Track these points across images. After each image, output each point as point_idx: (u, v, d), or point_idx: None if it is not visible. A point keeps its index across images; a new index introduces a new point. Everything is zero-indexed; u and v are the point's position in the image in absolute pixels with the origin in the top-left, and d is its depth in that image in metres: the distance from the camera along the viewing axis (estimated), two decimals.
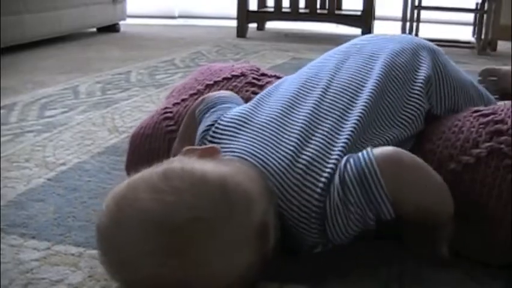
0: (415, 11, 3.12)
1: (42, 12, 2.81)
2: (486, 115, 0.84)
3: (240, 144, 0.79)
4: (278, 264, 0.71)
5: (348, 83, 0.85)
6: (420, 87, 0.88)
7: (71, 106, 1.67)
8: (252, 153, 0.77)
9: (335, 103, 0.82)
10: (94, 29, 3.49)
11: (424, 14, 3.21)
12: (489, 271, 0.77)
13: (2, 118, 1.51)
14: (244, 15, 3.41)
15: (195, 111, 0.90)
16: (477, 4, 3.09)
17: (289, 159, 0.74)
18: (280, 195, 0.72)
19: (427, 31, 3.33)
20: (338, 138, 0.77)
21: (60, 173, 1.12)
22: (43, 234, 0.86)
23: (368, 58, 0.91)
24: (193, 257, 0.61)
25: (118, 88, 1.93)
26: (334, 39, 1.14)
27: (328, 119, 0.80)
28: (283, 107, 0.83)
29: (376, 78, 0.86)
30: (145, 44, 3.09)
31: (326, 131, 0.78)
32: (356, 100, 0.82)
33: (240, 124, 0.82)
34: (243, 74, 1.07)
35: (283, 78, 0.97)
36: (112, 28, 3.56)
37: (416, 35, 3.03)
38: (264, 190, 0.71)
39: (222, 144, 0.80)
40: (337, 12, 3.42)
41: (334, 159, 0.73)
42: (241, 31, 3.42)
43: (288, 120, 0.80)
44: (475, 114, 0.86)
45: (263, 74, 1.09)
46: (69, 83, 1.99)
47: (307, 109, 0.82)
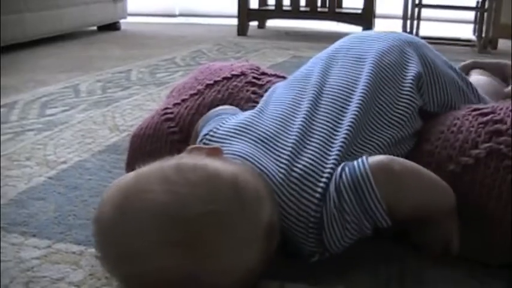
0: (416, 9, 3.11)
1: (42, 10, 2.81)
2: (485, 114, 0.84)
3: (239, 147, 0.79)
4: (279, 263, 0.71)
5: (339, 89, 0.85)
6: (411, 84, 0.87)
7: (72, 104, 1.67)
8: (251, 157, 0.77)
9: (327, 110, 0.82)
10: (95, 28, 3.48)
11: (425, 12, 3.20)
12: (489, 271, 0.77)
13: (3, 117, 1.52)
14: (245, 13, 3.41)
15: (197, 130, 0.90)
16: (478, 2, 3.09)
17: (284, 168, 0.74)
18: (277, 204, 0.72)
19: (428, 29, 3.33)
20: (332, 145, 0.77)
21: (60, 172, 1.12)
22: (44, 232, 0.87)
23: (356, 61, 0.90)
24: (203, 251, 0.61)
25: (119, 86, 1.93)
26: (334, 37, 1.14)
27: (321, 127, 0.79)
28: (277, 119, 0.82)
29: (365, 80, 0.85)
30: (146, 43, 3.09)
31: (320, 139, 0.77)
32: (348, 105, 0.82)
33: (236, 132, 0.82)
34: (243, 73, 1.06)
35: (273, 86, 0.96)
36: (113, 26, 3.55)
37: (417, 33, 3.03)
38: (270, 191, 0.71)
39: (223, 146, 0.80)
40: (337, 10, 3.41)
41: (329, 167, 0.73)
42: (242, 29, 3.41)
43: (283, 130, 0.80)
44: (474, 113, 0.85)
45: (263, 73, 1.08)
46: (69, 82, 1.99)
47: (300, 119, 0.81)
